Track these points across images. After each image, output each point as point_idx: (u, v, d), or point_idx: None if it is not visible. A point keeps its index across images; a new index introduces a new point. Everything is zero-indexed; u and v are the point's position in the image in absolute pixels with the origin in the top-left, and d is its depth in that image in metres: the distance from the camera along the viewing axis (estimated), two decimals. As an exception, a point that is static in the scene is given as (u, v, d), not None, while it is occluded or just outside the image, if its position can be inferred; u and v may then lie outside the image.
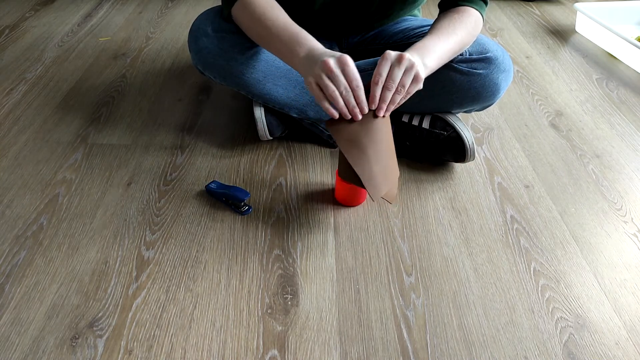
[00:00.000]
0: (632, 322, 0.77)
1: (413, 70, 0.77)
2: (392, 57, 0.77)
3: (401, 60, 0.76)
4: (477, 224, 0.93)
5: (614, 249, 0.90)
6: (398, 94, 0.78)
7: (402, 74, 0.77)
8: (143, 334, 0.73)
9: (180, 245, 0.87)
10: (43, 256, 0.84)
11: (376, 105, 0.78)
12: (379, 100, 0.78)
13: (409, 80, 0.77)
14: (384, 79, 0.77)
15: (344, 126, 0.79)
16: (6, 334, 0.72)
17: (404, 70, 0.77)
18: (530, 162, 1.10)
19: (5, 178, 1.00)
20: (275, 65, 0.98)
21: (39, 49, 1.52)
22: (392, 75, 0.77)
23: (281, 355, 0.71)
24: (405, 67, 0.77)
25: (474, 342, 0.73)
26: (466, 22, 0.91)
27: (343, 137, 0.79)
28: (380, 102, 0.78)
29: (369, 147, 0.80)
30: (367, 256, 0.86)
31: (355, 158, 0.79)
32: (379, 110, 0.79)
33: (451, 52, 0.88)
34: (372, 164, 0.81)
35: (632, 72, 1.50)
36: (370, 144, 0.80)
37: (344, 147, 0.79)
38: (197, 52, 0.97)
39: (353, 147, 0.79)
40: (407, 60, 0.77)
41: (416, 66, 0.77)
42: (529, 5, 2.00)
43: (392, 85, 0.77)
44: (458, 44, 0.89)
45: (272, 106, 1.03)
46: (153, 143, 1.12)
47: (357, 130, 0.79)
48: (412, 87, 0.79)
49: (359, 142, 0.79)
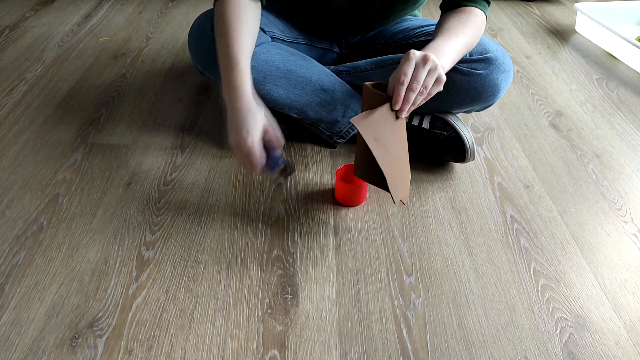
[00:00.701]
0: (632, 322, 0.77)
1: (437, 72, 0.76)
2: (417, 57, 0.76)
3: (426, 61, 0.75)
4: (477, 224, 0.93)
5: (614, 249, 0.90)
6: (420, 95, 0.77)
7: (426, 74, 0.76)
8: (143, 334, 0.73)
9: (180, 245, 0.87)
10: (43, 256, 0.84)
11: (399, 106, 0.77)
12: (403, 101, 0.77)
13: (432, 81, 0.77)
14: (409, 79, 0.76)
15: (371, 124, 0.77)
16: (6, 334, 0.72)
17: (428, 71, 0.76)
18: (530, 162, 1.10)
19: (5, 178, 1.00)
20: (275, 66, 0.98)
21: (39, 49, 1.52)
22: (417, 75, 0.75)
23: (281, 355, 0.71)
24: (429, 68, 0.76)
25: (474, 342, 0.73)
26: (473, 23, 0.91)
27: (371, 135, 0.76)
28: (404, 103, 0.77)
29: (392, 147, 0.79)
30: (367, 256, 0.86)
31: (382, 157, 0.77)
32: (401, 111, 0.78)
33: (461, 53, 0.88)
34: (393, 165, 0.80)
35: (632, 72, 1.50)
36: (392, 144, 0.79)
37: (372, 145, 0.76)
38: (197, 53, 0.97)
39: (380, 146, 0.77)
40: (432, 62, 0.75)
41: (439, 67, 0.76)
42: (529, 5, 2.00)
43: (417, 87, 0.76)
44: (467, 45, 0.89)
45: (272, 106, 1.03)
46: (153, 143, 1.12)
47: (383, 129, 0.78)
48: (434, 89, 0.78)
49: (385, 142, 0.78)
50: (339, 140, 1.10)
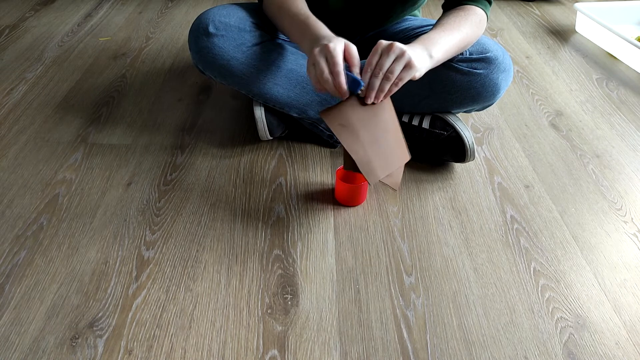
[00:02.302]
0: (632, 322, 0.77)
1: (404, 58, 0.78)
2: (383, 46, 0.79)
3: (390, 49, 0.78)
4: (477, 224, 0.93)
5: (614, 249, 0.90)
6: (387, 80, 0.78)
7: (392, 61, 0.78)
8: (143, 334, 0.73)
9: (180, 245, 0.87)
10: (43, 256, 0.84)
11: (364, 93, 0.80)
12: (368, 87, 0.79)
13: (400, 67, 0.78)
14: (372, 67, 0.78)
15: (336, 112, 0.81)
16: (6, 334, 0.72)
17: (394, 59, 0.78)
18: (530, 162, 1.10)
19: (5, 178, 1.00)
20: (275, 65, 0.98)
21: (39, 49, 1.52)
22: (381, 63, 0.78)
23: (281, 355, 0.71)
24: (395, 55, 0.78)
25: (474, 342, 0.73)
26: (471, 20, 0.92)
27: (335, 122, 0.80)
28: (369, 90, 0.79)
29: (362, 131, 0.81)
30: (367, 256, 0.86)
31: (349, 141, 0.80)
32: (367, 98, 0.80)
33: (456, 48, 0.89)
34: (366, 147, 0.81)
35: (632, 72, 1.50)
36: (364, 129, 0.81)
37: (337, 131, 0.80)
38: (198, 52, 0.97)
39: (345, 131, 0.80)
40: (398, 49, 0.78)
41: (408, 54, 0.78)
42: (529, 5, 2.00)
43: (379, 73, 0.78)
44: (463, 40, 0.90)
45: (272, 106, 1.03)
46: (153, 143, 1.12)
47: (349, 116, 0.80)
48: (405, 74, 0.79)
49: (351, 126, 0.80)
50: (339, 141, 1.10)
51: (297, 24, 0.88)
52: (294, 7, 0.90)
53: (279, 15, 0.93)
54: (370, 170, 0.82)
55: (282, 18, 0.92)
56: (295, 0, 0.92)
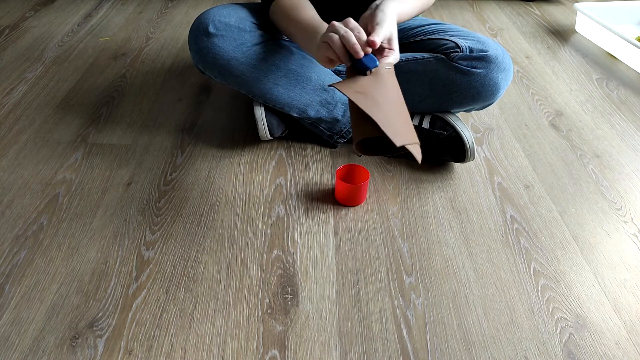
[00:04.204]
0: (632, 322, 0.77)
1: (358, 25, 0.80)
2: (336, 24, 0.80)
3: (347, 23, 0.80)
4: (477, 224, 0.93)
5: (614, 249, 0.90)
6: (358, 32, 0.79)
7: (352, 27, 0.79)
8: (143, 334, 0.73)
9: (180, 245, 0.87)
10: (43, 256, 0.84)
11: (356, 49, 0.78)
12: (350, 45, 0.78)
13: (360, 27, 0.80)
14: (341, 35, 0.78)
15: (350, 82, 0.79)
16: (6, 334, 0.72)
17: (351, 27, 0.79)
18: (530, 162, 1.10)
19: (5, 178, 1.00)
20: (275, 65, 0.98)
21: (39, 49, 1.52)
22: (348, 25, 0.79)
23: (281, 355, 0.71)
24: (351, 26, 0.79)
25: (474, 342, 0.73)
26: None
27: (351, 90, 0.78)
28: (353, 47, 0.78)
29: (379, 97, 0.78)
30: (367, 256, 0.86)
31: (370, 105, 0.77)
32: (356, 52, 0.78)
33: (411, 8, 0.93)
34: (386, 110, 0.77)
35: (632, 72, 1.50)
36: (380, 95, 0.79)
37: (354, 97, 0.77)
38: (198, 52, 0.97)
39: (363, 97, 0.78)
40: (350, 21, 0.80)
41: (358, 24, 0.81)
42: (529, 5, 2.00)
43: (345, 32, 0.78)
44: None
45: (272, 105, 1.03)
46: (153, 143, 1.12)
47: (363, 84, 0.79)
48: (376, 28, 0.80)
49: (369, 93, 0.78)
50: (339, 140, 1.10)
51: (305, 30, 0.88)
52: (304, 14, 0.91)
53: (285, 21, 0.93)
54: (395, 130, 0.76)
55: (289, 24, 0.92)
56: (305, 8, 0.92)
